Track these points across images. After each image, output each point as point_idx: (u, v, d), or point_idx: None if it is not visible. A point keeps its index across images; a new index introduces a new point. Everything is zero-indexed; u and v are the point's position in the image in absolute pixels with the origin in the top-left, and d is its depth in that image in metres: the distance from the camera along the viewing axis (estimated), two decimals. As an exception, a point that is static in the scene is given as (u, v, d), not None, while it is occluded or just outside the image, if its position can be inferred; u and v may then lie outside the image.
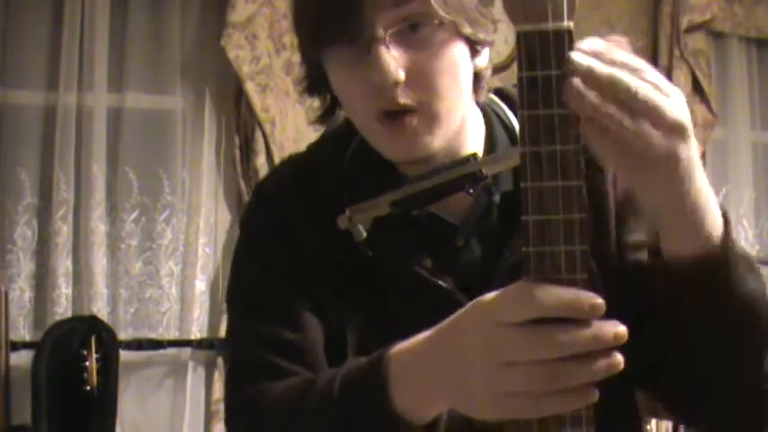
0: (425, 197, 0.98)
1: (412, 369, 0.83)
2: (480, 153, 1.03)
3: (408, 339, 0.85)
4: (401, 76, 0.92)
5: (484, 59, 1.00)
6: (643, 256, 0.99)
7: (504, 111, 1.07)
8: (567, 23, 0.70)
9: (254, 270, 1.06)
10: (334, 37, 0.93)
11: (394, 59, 0.91)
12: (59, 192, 2.98)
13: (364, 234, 0.98)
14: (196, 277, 3.10)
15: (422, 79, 0.93)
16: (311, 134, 1.13)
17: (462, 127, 1.00)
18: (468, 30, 0.94)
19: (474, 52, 0.98)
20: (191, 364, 3.13)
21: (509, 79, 3.58)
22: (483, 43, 0.98)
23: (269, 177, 1.16)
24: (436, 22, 0.92)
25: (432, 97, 0.94)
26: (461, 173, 0.97)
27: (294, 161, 1.13)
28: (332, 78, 0.98)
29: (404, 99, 0.93)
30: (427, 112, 0.94)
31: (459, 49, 0.95)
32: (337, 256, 1.01)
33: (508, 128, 1.06)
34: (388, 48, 0.91)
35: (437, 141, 0.96)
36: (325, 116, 1.05)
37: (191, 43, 3.19)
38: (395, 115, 0.94)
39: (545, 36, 0.70)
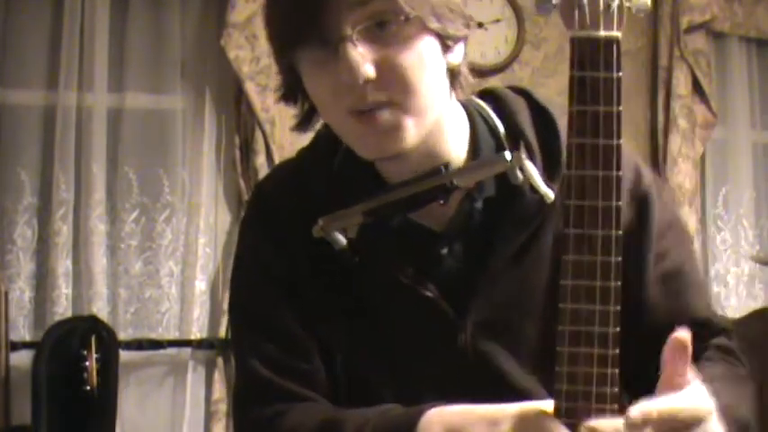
0: (397, 207, 0.99)
1: None
2: (463, 153, 1.03)
3: (445, 407, 0.90)
4: (370, 72, 0.92)
5: (457, 56, 1.00)
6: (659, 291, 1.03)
7: (487, 111, 1.06)
8: (616, 33, 0.79)
9: (254, 281, 1.07)
10: (303, 38, 0.93)
11: (362, 57, 0.91)
12: (59, 192, 2.98)
13: (344, 242, 0.98)
14: (196, 277, 3.10)
15: (391, 75, 0.93)
16: (311, 134, 1.13)
17: (440, 126, 1.00)
18: (435, 24, 0.94)
19: (445, 48, 0.98)
20: (191, 364, 3.13)
21: (509, 79, 3.57)
22: (453, 38, 0.98)
23: (264, 182, 1.16)
24: (402, 18, 0.92)
25: (402, 93, 0.94)
26: (433, 183, 0.98)
27: (287, 166, 1.13)
28: (305, 81, 0.98)
29: (374, 96, 0.93)
30: (399, 107, 0.94)
31: (427, 44, 0.95)
32: (327, 262, 1.02)
33: (492, 128, 1.05)
34: (355, 45, 0.91)
35: (410, 137, 0.95)
36: (303, 123, 1.04)
37: (191, 43, 3.18)
38: (366, 112, 0.94)
39: (596, 42, 0.79)
